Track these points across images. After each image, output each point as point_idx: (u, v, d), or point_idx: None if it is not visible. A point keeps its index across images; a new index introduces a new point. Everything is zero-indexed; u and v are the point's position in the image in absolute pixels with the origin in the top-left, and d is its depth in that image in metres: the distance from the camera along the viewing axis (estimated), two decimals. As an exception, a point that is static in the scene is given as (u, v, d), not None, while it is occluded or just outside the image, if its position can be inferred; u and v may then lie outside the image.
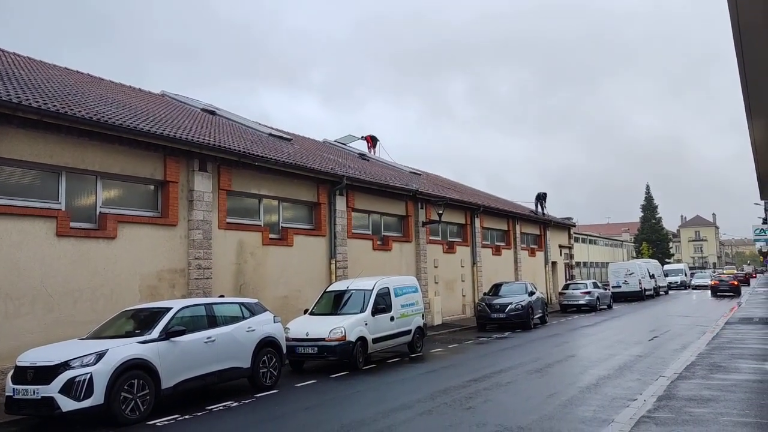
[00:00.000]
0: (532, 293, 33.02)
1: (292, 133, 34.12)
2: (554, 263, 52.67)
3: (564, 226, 55.82)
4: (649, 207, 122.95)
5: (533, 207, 52.07)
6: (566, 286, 44.81)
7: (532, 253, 47.30)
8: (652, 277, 58.77)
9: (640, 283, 54.56)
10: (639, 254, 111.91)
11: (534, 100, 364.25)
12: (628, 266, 56.00)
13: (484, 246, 39.55)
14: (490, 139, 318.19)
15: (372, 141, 44.86)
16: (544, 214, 51.02)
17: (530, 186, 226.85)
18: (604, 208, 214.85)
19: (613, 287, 54.54)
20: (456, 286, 36.18)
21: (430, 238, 34.69)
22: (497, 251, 41.53)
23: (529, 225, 47.48)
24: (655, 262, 66.14)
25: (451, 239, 36.51)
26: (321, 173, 26.38)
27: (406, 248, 32.02)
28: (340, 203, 27.44)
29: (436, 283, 34.17)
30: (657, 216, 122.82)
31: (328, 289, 22.13)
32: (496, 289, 33.93)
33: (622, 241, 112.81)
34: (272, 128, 32.61)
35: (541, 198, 52.23)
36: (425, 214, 33.47)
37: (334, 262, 26.63)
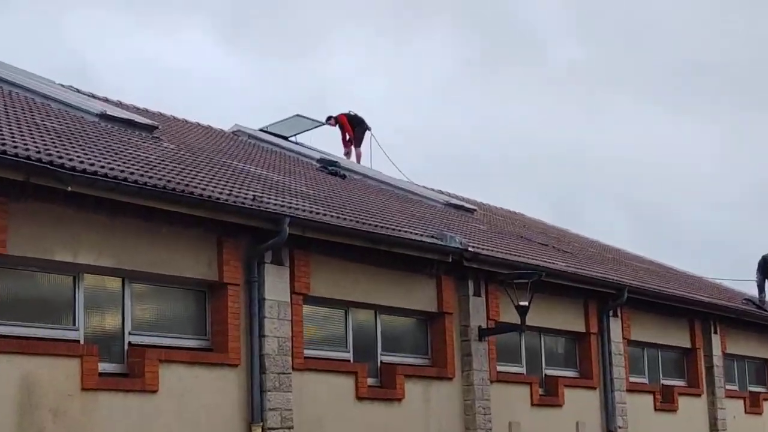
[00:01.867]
0: None
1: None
2: None
3: None
4: None
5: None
6: None
7: (755, 404, 24.33)
8: None
9: None
10: None
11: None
12: None
13: (635, 389, 20.04)
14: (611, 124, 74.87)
15: (350, 127, 24.91)
16: None
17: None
18: None
19: None
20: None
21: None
22: (666, 401, 20.96)
23: (742, 336, 24.16)
24: None
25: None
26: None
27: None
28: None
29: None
30: None
31: None
32: None
33: None
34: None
35: None
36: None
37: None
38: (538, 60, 68.39)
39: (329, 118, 24.67)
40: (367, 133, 25.00)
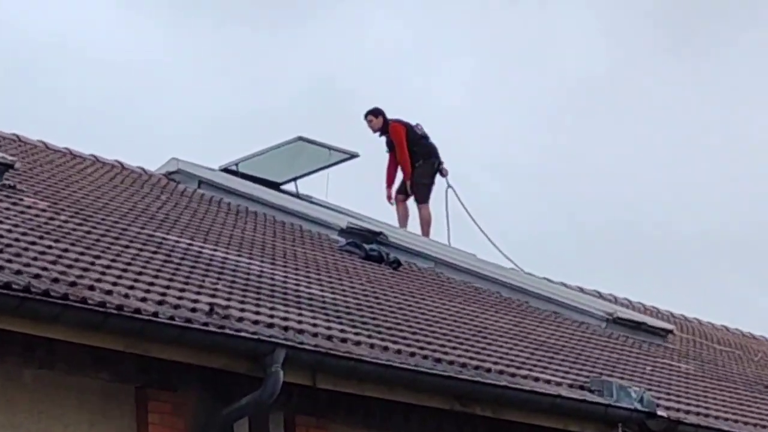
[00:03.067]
0: None
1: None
2: None
3: None
4: None
5: None
6: None
7: None
8: None
9: None
10: None
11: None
12: None
13: None
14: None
15: (409, 153, 16.49)
16: None
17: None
18: None
19: None
20: None
21: None
22: None
23: None
24: None
25: None
26: None
27: None
28: None
29: None
30: None
31: None
32: None
33: None
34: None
35: None
36: None
37: None
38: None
39: (371, 114, 16.39)
40: (444, 184, 16.66)
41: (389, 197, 16.83)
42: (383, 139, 16.63)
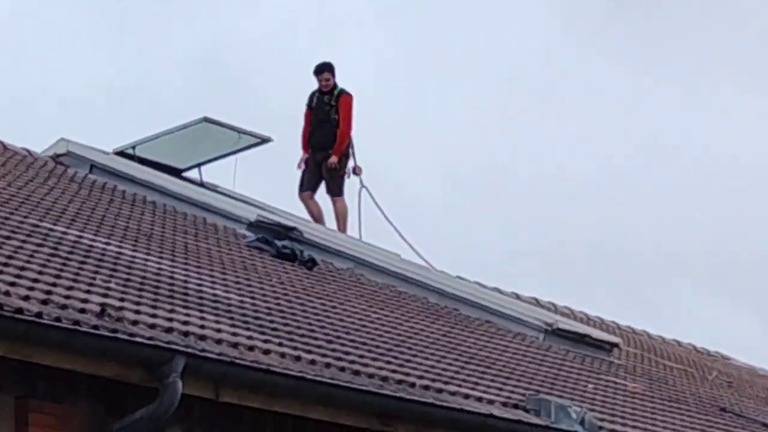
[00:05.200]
0: None
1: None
2: None
3: None
4: None
5: None
6: None
7: None
8: None
9: None
10: None
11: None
12: None
13: None
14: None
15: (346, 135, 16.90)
16: None
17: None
18: None
19: None
20: None
21: None
22: None
23: None
24: None
25: None
26: None
27: None
28: None
29: None
30: None
31: None
32: None
33: None
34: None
35: None
36: None
37: None
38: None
39: (329, 71, 16.38)
40: (354, 178, 16.92)
41: (304, 162, 16.77)
42: (304, 100, 16.77)
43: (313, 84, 16.78)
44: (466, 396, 10.19)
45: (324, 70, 16.27)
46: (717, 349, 21.18)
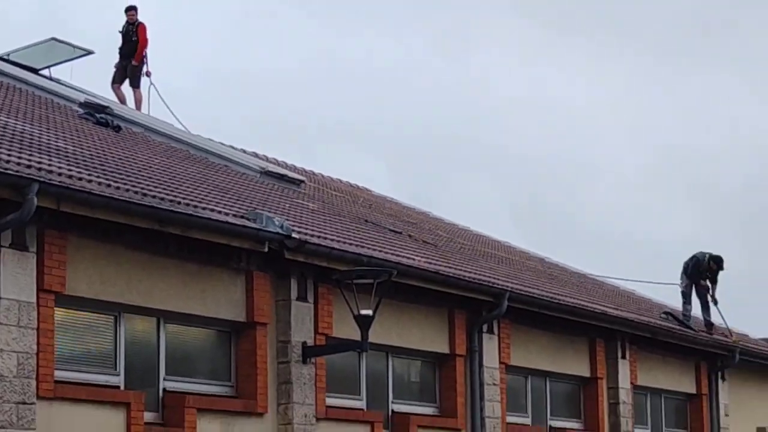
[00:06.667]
0: None
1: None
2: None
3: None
4: None
5: (677, 302, 24.35)
6: None
7: None
8: None
9: None
10: None
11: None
12: None
13: None
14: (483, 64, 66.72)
15: (142, 49, 22.13)
16: (710, 325, 23.83)
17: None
18: None
19: None
20: None
21: None
22: None
23: (659, 362, 22.31)
24: None
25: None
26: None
27: None
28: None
29: None
30: None
31: None
32: None
33: None
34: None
35: (702, 272, 23.94)
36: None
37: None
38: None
39: (134, 10, 22.00)
40: (146, 79, 22.59)
41: (116, 66, 21.82)
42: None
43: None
44: (212, 210, 12.59)
45: (130, 9, 21.04)
46: (365, 184, 25.74)
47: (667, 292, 23.35)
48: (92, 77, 20.11)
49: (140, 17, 20.81)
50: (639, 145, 70.71)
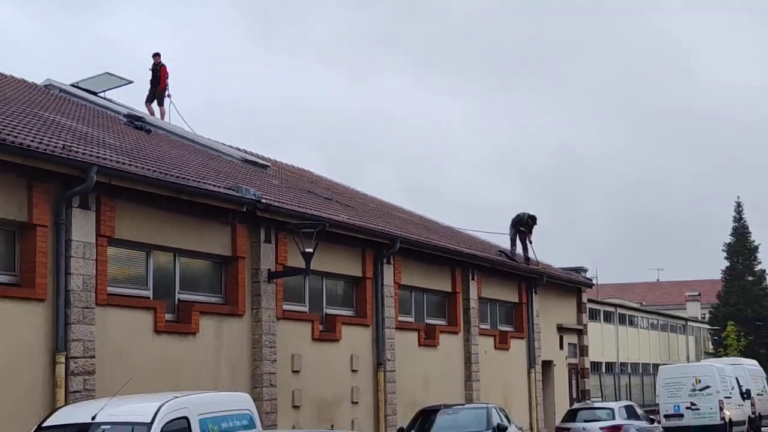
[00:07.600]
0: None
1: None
2: (549, 363, 25.03)
3: (570, 285, 26.50)
4: (742, 249, 54.24)
5: (507, 244, 24.13)
6: (572, 415, 20.87)
7: (503, 341, 22.36)
8: (747, 395, 26.47)
9: (721, 409, 24.20)
10: (721, 348, 49.02)
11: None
12: (698, 372, 25.33)
13: (403, 327, 18.31)
14: (383, 88, 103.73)
15: (164, 80, 20.77)
16: (528, 259, 23.71)
17: (493, 201, 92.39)
18: (651, 250, 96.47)
19: (667, 416, 24.57)
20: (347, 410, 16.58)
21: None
22: (429, 338, 19.28)
23: (495, 282, 22.05)
24: (753, 364, 30.88)
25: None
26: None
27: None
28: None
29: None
30: (757, 267, 54.62)
31: None
32: (423, 423, 15.93)
33: (686, 319, 52.85)
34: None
35: (522, 224, 23.94)
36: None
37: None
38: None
39: (158, 55, 21.31)
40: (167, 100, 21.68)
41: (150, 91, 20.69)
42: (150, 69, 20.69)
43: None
44: (209, 184, 13.00)
45: (156, 55, 20.82)
46: (309, 168, 25.22)
47: (501, 238, 24.77)
48: (132, 98, 20.39)
49: (163, 60, 21.23)
50: (480, 143, 76.89)
